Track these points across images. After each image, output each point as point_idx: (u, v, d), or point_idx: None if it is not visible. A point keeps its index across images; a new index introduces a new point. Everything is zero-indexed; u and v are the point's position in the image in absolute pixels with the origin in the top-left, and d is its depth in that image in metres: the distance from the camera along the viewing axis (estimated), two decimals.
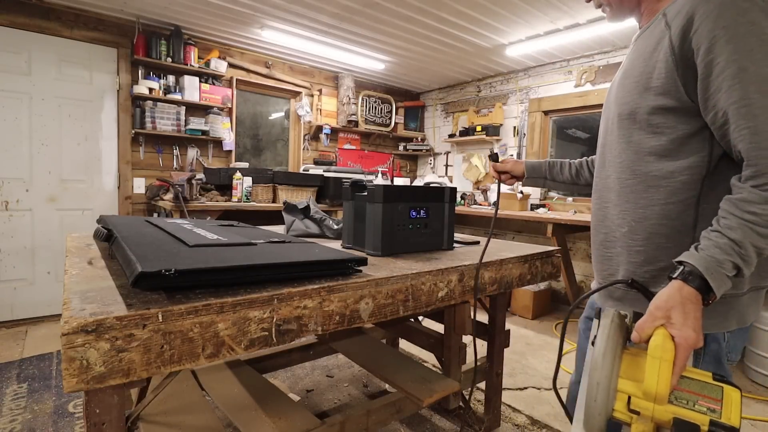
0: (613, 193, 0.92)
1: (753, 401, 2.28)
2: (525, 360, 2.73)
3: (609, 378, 0.65)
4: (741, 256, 0.68)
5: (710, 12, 0.70)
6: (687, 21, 0.73)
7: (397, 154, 5.46)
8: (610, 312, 0.71)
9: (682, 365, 0.65)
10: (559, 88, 4.10)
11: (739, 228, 0.68)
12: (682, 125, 0.78)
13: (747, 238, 0.68)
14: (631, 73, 0.86)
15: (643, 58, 0.83)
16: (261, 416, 1.31)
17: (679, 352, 0.65)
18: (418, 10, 3.06)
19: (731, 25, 0.68)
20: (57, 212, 3.30)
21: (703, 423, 0.59)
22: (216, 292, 0.78)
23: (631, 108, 0.84)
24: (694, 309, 0.67)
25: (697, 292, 0.68)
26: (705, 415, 0.60)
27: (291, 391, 2.21)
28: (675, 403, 0.62)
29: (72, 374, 0.61)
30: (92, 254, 1.16)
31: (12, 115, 3.08)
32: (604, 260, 0.97)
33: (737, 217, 0.69)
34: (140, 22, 3.45)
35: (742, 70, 0.68)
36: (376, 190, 1.27)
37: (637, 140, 0.85)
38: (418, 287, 1.08)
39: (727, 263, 0.68)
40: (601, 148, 0.99)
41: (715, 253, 0.69)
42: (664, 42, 0.77)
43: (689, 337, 0.65)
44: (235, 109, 4.03)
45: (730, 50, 0.68)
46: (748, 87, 0.68)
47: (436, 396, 1.42)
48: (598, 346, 0.66)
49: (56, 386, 2.18)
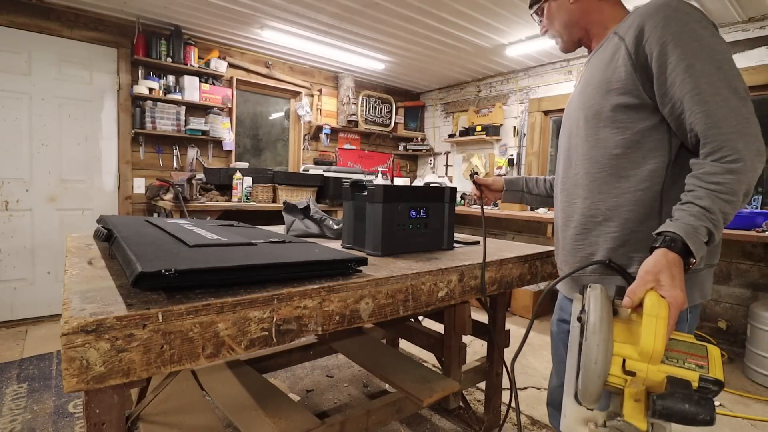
0: (581, 188, 1.00)
1: (753, 401, 2.28)
2: (525, 360, 2.73)
3: (607, 340, 0.66)
4: (712, 221, 0.76)
5: (657, 23, 0.84)
6: (639, 32, 0.86)
7: (397, 154, 5.46)
8: (596, 285, 0.74)
9: (672, 324, 0.69)
10: (559, 88, 4.10)
11: (707, 197, 0.77)
12: (642, 120, 0.90)
13: (715, 204, 0.76)
14: (592, 82, 0.97)
15: (601, 68, 0.95)
16: (261, 416, 1.31)
17: (670, 310, 0.69)
18: (418, 10, 3.06)
19: (676, 32, 0.82)
20: (57, 212, 3.30)
21: (693, 379, 0.63)
22: (216, 292, 0.77)
23: (596, 109, 0.95)
24: (679, 272, 0.74)
25: (679, 257, 0.74)
26: (695, 372, 0.64)
27: (291, 391, 2.21)
28: (666, 363, 0.65)
29: (72, 374, 0.61)
30: (92, 254, 1.16)
31: (12, 115, 3.08)
32: (576, 251, 1.03)
33: (703, 188, 0.78)
34: (140, 22, 3.45)
35: (690, 66, 0.80)
36: (376, 190, 1.27)
37: (604, 137, 0.94)
38: (418, 287, 1.08)
39: (701, 229, 0.76)
40: (566, 152, 1.08)
41: (690, 220, 0.76)
42: (621, 51, 0.90)
43: (678, 296, 0.71)
44: (235, 109, 4.04)
45: (678, 52, 0.81)
46: (698, 79, 0.80)
47: (436, 396, 1.42)
48: (593, 313, 0.68)
49: (56, 386, 2.18)
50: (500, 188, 1.43)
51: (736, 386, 2.44)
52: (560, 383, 1.19)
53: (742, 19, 2.98)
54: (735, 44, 3.03)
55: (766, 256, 2.92)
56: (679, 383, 0.63)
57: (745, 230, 2.55)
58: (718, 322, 3.10)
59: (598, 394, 0.67)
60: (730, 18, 2.97)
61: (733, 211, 0.78)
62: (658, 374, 0.65)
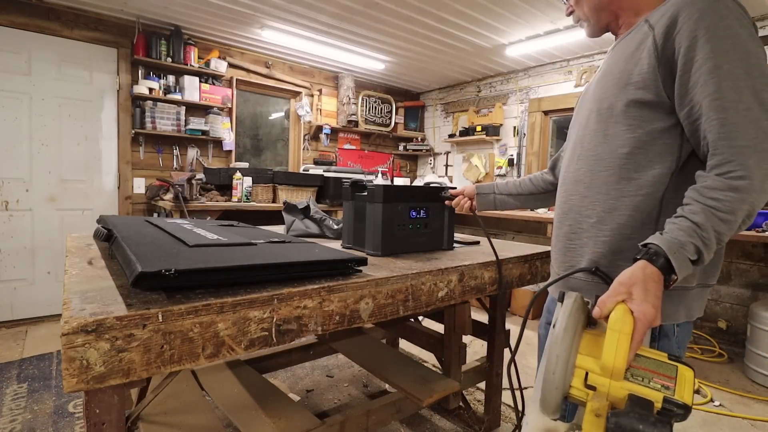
0: (582, 185, 0.95)
1: (753, 401, 2.28)
2: (525, 360, 2.73)
3: (568, 352, 0.65)
4: (702, 239, 0.72)
5: (692, 14, 0.76)
6: (671, 22, 0.79)
7: (397, 154, 5.46)
8: (572, 294, 0.72)
9: (639, 340, 0.66)
10: (559, 88, 4.10)
11: (702, 212, 0.72)
12: (656, 120, 0.83)
13: (708, 221, 0.72)
14: (611, 72, 0.91)
15: (624, 58, 0.88)
16: (261, 416, 1.31)
17: (637, 326, 0.66)
18: (418, 10, 3.06)
19: (711, 27, 0.74)
20: (57, 212, 3.30)
21: (656, 399, 0.60)
22: (216, 292, 0.77)
23: (610, 102, 0.89)
24: (655, 287, 0.70)
25: (659, 272, 0.71)
26: (659, 392, 0.61)
27: (291, 391, 2.21)
28: (630, 380, 0.64)
29: (72, 374, 0.61)
30: (92, 254, 1.16)
31: (12, 115, 3.08)
32: (567, 251, 0.99)
33: (700, 203, 0.73)
34: (140, 22, 3.45)
35: (717, 67, 0.73)
36: (376, 190, 1.27)
37: (613, 133, 0.89)
38: (418, 287, 1.08)
39: (689, 245, 0.71)
40: (572, 145, 1.02)
41: (678, 235, 0.72)
42: (647, 42, 0.82)
43: (648, 312, 0.68)
44: (235, 109, 4.04)
45: (708, 49, 0.74)
46: (722, 82, 0.73)
47: (436, 396, 1.42)
48: (560, 322, 0.67)
49: (56, 386, 2.18)
50: (471, 193, 1.41)
51: (736, 386, 2.44)
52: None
53: None
54: None
55: (766, 256, 2.92)
56: (640, 402, 0.60)
57: (745, 230, 2.55)
58: (718, 322, 3.10)
59: (556, 405, 0.66)
60: None
61: (729, 232, 0.73)
62: (620, 391, 0.63)
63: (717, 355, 2.88)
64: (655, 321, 0.69)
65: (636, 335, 0.66)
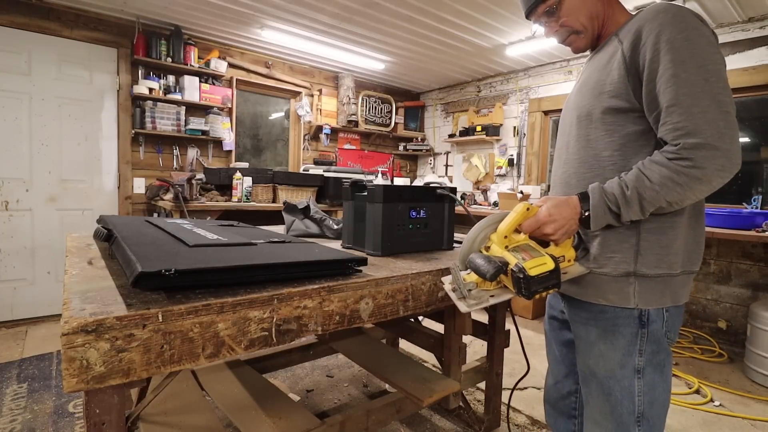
0: (570, 187, 1.03)
1: (753, 401, 2.28)
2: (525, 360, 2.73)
3: (483, 227, 0.92)
4: (624, 193, 0.86)
5: (654, 29, 0.85)
6: (636, 36, 0.88)
7: (397, 154, 5.46)
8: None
9: (529, 224, 0.90)
10: (559, 88, 4.10)
11: (634, 174, 0.86)
12: (631, 124, 0.92)
13: (635, 182, 0.85)
14: (588, 82, 1.00)
15: (598, 69, 0.97)
16: (261, 416, 1.31)
17: (532, 216, 0.90)
18: (418, 10, 3.06)
19: (670, 39, 0.83)
20: (57, 212, 3.30)
21: (512, 263, 0.84)
22: (216, 292, 0.77)
23: (588, 109, 0.98)
24: (567, 209, 0.90)
25: (577, 201, 0.91)
26: (515, 260, 0.84)
27: (291, 391, 2.21)
28: (508, 251, 0.87)
29: (72, 374, 0.61)
30: (92, 254, 1.16)
31: (12, 115, 3.08)
32: None
33: (638, 168, 0.86)
34: (140, 22, 3.45)
35: (675, 76, 0.82)
36: (376, 190, 1.27)
37: (594, 138, 0.97)
38: (418, 287, 1.08)
39: (611, 194, 0.87)
40: (559, 150, 1.11)
41: (608, 185, 0.89)
42: (617, 55, 0.92)
43: (542, 212, 0.90)
44: (235, 109, 4.04)
45: (668, 60, 0.83)
46: (680, 89, 0.81)
47: (436, 396, 1.41)
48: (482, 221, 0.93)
49: (56, 386, 2.18)
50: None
51: (736, 386, 2.44)
52: (555, 381, 1.22)
53: (742, 19, 2.98)
54: (735, 44, 3.03)
55: (766, 256, 2.92)
56: (501, 260, 0.84)
57: (745, 230, 2.55)
58: (718, 322, 3.10)
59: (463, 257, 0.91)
60: (730, 18, 2.97)
61: (654, 201, 0.84)
62: (500, 252, 0.87)
63: (717, 355, 2.88)
64: (546, 225, 0.89)
65: (527, 222, 0.90)
